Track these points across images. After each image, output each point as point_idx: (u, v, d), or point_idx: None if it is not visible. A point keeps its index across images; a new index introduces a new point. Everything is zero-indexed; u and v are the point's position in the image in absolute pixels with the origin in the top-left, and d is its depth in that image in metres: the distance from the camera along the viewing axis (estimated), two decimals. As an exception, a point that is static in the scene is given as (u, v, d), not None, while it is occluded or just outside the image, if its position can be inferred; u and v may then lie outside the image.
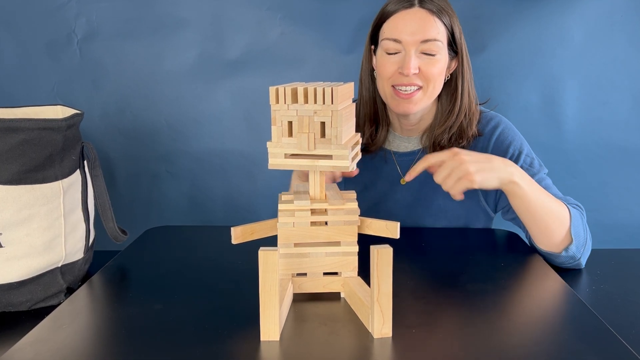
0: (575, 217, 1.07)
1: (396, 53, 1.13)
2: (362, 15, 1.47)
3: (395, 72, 1.14)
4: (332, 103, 0.71)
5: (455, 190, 0.99)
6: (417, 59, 1.12)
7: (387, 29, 1.15)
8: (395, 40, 1.12)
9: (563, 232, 1.05)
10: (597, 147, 1.54)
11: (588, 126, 1.53)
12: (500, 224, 1.28)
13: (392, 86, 1.15)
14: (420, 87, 1.14)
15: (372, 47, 1.22)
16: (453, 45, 1.15)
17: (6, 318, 1.01)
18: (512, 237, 1.14)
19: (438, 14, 1.11)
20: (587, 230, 1.10)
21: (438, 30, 1.11)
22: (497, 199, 1.22)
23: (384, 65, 1.15)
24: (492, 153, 1.19)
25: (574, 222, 1.06)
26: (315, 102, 0.71)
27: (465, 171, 0.99)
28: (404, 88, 1.13)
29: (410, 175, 1.03)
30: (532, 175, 1.16)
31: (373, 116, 1.26)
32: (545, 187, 1.15)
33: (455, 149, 1.02)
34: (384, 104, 1.25)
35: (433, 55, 1.12)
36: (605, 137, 1.54)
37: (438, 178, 1.01)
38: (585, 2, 1.47)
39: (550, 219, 1.05)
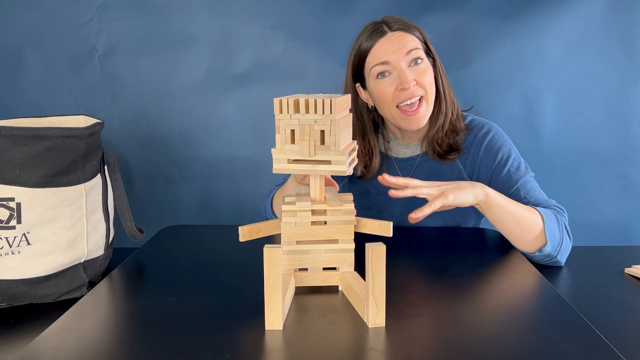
0: (550, 220, 1.07)
1: (387, 74, 1.14)
2: (358, 32, 1.48)
3: (395, 91, 1.14)
4: (330, 113, 0.71)
5: (433, 206, 0.97)
6: (410, 73, 1.13)
7: (371, 59, 1.15)
8: (384, 63, 1.14)
9: (534, 236, 1.06)
10: (573, 153, 1.55)
11: (564, 134, 1.54)
12: (488, 224, 1.28)
13: (397, 107, 1.15)
14: (421, 97, 1.14)
15: (357, 84, 1.22)
16: (429, 52, 1.18)
17: (34, 309, 1.02)
18: (498, 236, 1.14)
19: (408, 30, 1.15)
20: (564, 230, 1.09)
21: (415, 41, 1.15)
22: None
23: (382, 90, 1.15)
24: (483, 156, 1.20)
25: (548, 225, 1.06)
26: (316, 112, 0.72)
27: (440, 192, 1.00)
28: (408, 101, 1.13)
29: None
30: (518, 178, 1.16)
31: (364, 148, 1.25)
32: (530, 190, 1.15)
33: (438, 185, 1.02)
34: (375, 133, 1.26)
35: (419, 62, 1.14)
36: (580, 144, 1.54)
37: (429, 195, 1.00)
38: (562, 21, 1.48)
39: (520, 225, 1.06)
